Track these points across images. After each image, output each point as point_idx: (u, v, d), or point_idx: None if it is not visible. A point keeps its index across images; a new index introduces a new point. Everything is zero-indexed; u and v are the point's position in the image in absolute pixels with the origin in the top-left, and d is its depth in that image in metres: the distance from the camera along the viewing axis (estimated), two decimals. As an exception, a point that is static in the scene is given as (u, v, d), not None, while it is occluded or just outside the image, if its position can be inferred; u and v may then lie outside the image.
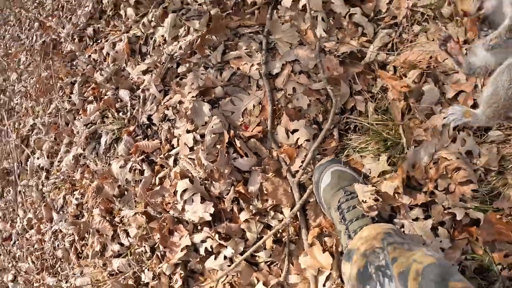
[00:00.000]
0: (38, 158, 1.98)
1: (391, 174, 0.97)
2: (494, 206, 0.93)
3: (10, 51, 2.99)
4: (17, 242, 2.12)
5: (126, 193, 1.32)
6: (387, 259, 0.68)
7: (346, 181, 0.91)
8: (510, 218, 0.91)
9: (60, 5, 2.27)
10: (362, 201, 0.85)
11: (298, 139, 1.06)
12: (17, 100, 2.52)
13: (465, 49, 0.99)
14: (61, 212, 1.75)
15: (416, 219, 0.93)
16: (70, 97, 1.81)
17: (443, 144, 0.98)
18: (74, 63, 1.87)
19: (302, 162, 1.04)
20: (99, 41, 1.79)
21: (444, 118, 1.00)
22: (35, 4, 2.65)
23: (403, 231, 0.92)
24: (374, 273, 0.69)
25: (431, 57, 1.07)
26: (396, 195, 0.94)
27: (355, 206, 0.84)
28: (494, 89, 0.83)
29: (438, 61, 1.05)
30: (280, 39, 1.16)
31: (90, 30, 1.85)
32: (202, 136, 1.13)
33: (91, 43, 1.83)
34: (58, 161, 1.83)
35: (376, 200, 0.83)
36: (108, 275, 1.35)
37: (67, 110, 1.78)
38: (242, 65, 1.17)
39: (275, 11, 1.23)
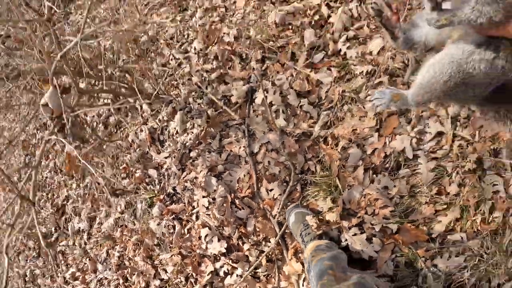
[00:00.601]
0: (78, 222, 2.39)
1: (334, 209, 1.45)
2: (410, 219, 1.28)
3: (27, 127, 3.35)
4: (58, 295, 2.47)
5: (162, 243, 1.81)
6: (310, 258, 1.19)
7: (304, 218, 1.39)
8: (423, 225, 1.28)
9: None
10: (311, 225, 1.36)
11: (274, 194, 1.56)
12: (46, 174, 2.84)
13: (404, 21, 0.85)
14: (104, 263, 2.15)
15: (355, 234, 1.34)
16: (102, 173, 2.24)
17: (367, 184, 1.43)
18: (104, 147, 2.32)
19: (278, 208, 1.52)
20: (121, 129, 2.22)
21: (370, 102, 0.93)
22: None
23: (347, 243, 1.35)
24: (308, 267, 1.20)
25: (353, 130, 1.51)
26: (337, 221, 1.41)
27: (310, 232, 1.35)
28: (431, 77, 0.71)
29: (357, 132, 1.49)
30: (256, 128, 1.65)
31: (112, 119, 2.29)
32: (214, 199, 1.64)
33: (115, 131, 2.28)
34: (98, 224, 2.24)
35: (317, 223, 1.34)
36: (151, 304, 1.82)
37: (101, 184, 2.24)
38: (233, 148, 1.68)
39: (251, 106, 1.70)
